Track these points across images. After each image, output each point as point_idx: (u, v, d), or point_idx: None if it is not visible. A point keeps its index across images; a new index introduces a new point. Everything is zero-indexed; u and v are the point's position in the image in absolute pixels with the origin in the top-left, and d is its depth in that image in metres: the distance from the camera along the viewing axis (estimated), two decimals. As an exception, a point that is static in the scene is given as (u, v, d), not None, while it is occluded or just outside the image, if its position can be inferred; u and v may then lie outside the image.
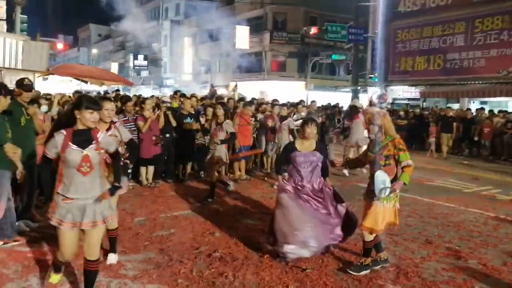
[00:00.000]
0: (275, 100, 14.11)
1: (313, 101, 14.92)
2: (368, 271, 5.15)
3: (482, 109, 18.77)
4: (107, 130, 4.82)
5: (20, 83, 6.29)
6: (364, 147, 8.85)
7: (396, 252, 5.96)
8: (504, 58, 20.30)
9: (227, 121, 8.40)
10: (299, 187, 5.54)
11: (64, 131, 3.85)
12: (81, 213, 3.84)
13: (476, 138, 17.06)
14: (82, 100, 3.91)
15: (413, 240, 6.51)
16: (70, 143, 3.81)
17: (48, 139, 4.02)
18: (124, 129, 5.35)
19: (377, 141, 5.11)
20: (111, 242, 5.26)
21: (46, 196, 6.29)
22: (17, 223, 6.02)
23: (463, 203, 9.07)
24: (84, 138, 3.86)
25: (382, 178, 4.89)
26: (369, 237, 5.18)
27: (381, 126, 5.06)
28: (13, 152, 5.45)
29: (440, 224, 7.45)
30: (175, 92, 14.97)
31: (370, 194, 5.12)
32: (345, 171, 11.33)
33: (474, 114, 18.00)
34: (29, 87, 6.35)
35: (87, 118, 3.84)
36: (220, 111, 8.35)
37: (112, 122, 5.05)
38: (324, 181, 5.66)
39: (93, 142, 3.88)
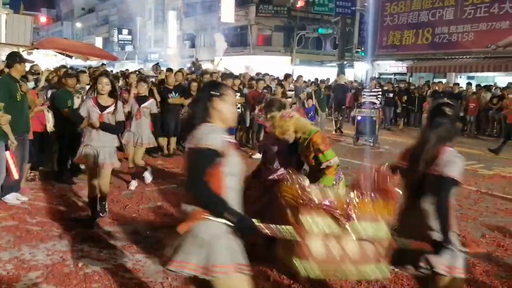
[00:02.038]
0: (259, 73, 14.06)
1: (300, 76, 14.96)
2: None
3: (469, 84, 18.84)
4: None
5: (16, 55, 6.34)
6: None
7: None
8: (493, 32, 20.16)
9: None
10: (266, 172, 4.94)
11: None
12: None
13: (461, 114, 17.16)
14: None
15: (395, 213, 6.63)
16: None
17: None
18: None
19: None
20: None
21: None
22: (6, 196, 6.26)
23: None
24: None
25: None
26: None
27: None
28: (5, 121, 5.68)
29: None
30: (155, 66, 14.80)
31: None
32: None
33: (463, 89, 18.04)
34: (24, 58, 6.47)
35: None
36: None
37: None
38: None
39: None
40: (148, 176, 7.77)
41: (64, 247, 4.95)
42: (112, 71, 15.31)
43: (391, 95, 17.30)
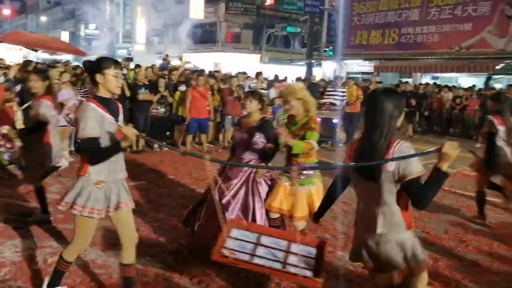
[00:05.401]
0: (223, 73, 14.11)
1: (276, 76, 15.17)
2: None
3: (434, 84, 19.25)
4: None
5: None
6: None
7: (345, 221, 6.20)
8: (457, 34, 20.51)
9: None
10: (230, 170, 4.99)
11: None
12: None
13: (426, 113, 17.56)
14: None
15: (362, 209, 6.78)
16: None
17: None
18: None
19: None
20: None
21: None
22: None
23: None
24: None
25: None
26: (275, 215, 4.78)
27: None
28: None
29: (388, 194, 7.75)
30: (127, 59, 14.60)
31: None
32: None
33: (426, 89, 18.43)
34: None
35: None
36: None
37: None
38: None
39: None
40: None
41: (32, 244, 4.90)
42: (78, 66, 15.08)
43: None
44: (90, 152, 3.37)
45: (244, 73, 15.47)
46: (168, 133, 11.57)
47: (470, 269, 4.89)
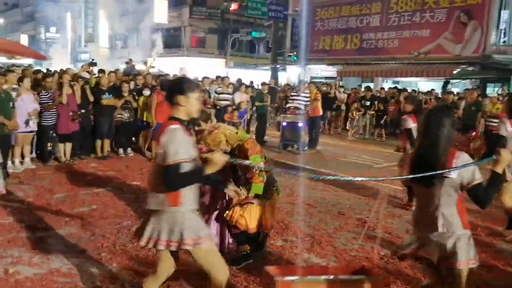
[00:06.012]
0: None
1: (239, 80, 15.13)
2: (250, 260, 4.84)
3: (395, 88, 19.66)
4: None
5: None
6: None
7: (311, 223, 6.33)
8: (416, 40, 21.02)
9: None
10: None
11: None
12: None
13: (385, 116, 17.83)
14: None
15: (326, 212, 6.92)
16: None
17: None
18: None
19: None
20: None
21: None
22: None
23: (374, 177, 9.61)
24: None
25: None
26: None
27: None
28: None
29: (352, 198, 7.93)
30: (90, 64, 14.37)
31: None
32: None
33: (389, 93, 18.73)
34: None
35: None
36: None
37: None
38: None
39: None
40: None
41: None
42: (39, 70, 14.80)
43: (367, 103, 16.78)
44: (180, 178, 3.08)
45: (220, 77, 15.44)
46: (133, 138, 11.49)
47: (430, 268, 5.05)
